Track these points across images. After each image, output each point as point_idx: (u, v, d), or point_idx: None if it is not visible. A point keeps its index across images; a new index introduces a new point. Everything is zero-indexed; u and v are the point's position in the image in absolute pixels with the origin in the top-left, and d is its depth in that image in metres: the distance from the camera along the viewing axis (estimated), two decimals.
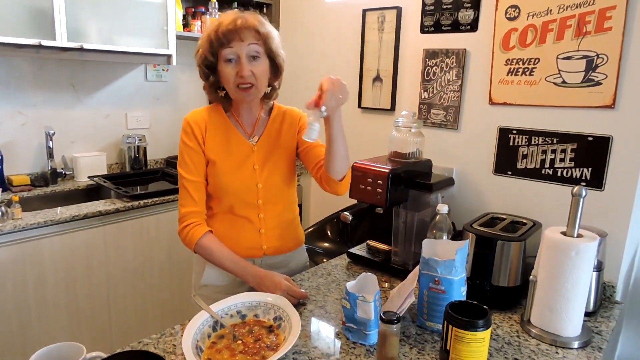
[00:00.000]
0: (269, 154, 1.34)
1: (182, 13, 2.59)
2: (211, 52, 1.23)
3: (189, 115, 1.32)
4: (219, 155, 1.31)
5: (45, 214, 1.92)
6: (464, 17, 1.57)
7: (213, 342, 1.03)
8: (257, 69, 1.23)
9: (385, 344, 0.98)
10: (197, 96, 2.94)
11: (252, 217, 1.34)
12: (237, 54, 1.20)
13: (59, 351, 0.86)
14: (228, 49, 1.20)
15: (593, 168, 1.38)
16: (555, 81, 1.42)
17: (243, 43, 1.20)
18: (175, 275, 2.36)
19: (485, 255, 1.27)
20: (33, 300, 1.88)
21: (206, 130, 1.31)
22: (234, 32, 1.19)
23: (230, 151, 1.32)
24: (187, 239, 1.29)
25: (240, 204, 1.32)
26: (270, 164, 1.34)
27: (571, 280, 1.08)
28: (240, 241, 1.34)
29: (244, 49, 1.20)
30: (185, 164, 1.30)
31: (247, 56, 1.21)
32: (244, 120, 1.35)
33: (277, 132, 1.37)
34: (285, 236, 1.42)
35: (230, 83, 1.23)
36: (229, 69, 1.22)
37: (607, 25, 1.32)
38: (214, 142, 1.31)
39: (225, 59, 1.21)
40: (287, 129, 1.38)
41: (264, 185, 1.32)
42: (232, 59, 1.21)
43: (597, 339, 1.14)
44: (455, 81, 1.62)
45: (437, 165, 1.65)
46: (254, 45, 1.22)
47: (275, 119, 1.38)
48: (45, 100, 2.36)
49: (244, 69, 1.20)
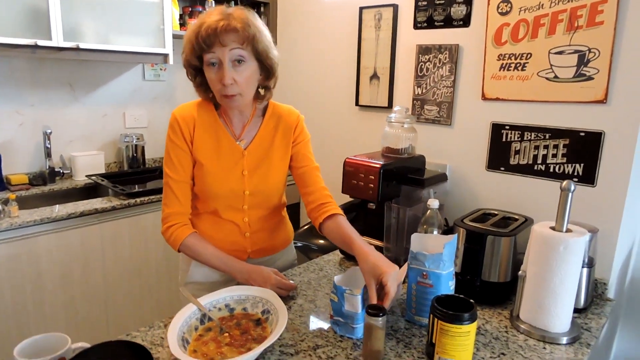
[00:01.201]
0: (259, 160, 1.28)
1: (178, 12, 2.60)
2: (195, 56, 1.16)
3: (177, 111, 1.25)
4: (208, 157, 1.25)
5: (41, 212, 1.93)
6: (457, 12, 1.57)
7: (200, 335, 1.03)
8: (242, 75, 1.14)
9: (370, 336, 0.98)
10: (194, 95, 2.95)
11: (237, 220, 1.30)
12: (219, 58, 1.12)
13: (45, 342, 0.86)
14: (210, 54, 1.12)
15: (585, 164, 1.37)
16: (547, 76, 1.42)
17: (225, 48, 1.11)
18: (172, 273, 2.36)
19: (475, 251, 1.26)
20: (30, 297, 1.89)
21: (195, 129, 1.24)
22: (214, 37, 1.10)
23: (219, 154, 1.25)
24: (172, 240, 1.25)
25: (226, 208, 1.29)
26: (260, 170, 1.28)
27: (559, 275, 1.08)
28: (224, 243, 1.30)
29: (226, 54, 1.12)
30: (172, 162, 1.24)
31: (230, 61, 1.13)
32: (235, 121, 1.28)
33: (269, 138, 1.29)
34: (272, 238, 1.39)
35: (215, 90, 1.17)
36: (212, 74, 1.15)
37: (598, 20, 1.32)
38: (202, 143, 1.24)
39: (208, 62, 1.14)
40: (281, 136, 1.30)
41: (251, 192, 1.28)
42: (214, 63, 1.14)
43: (586, 335, 1.13)
44: (448, 77, 1.62)
45: (430, 162, 1.65)
46: (237, 50, 1.12)
47: (268, 122, 1.30)
48: (42, 100, 2.38)
49: (225, 76, 1.12)
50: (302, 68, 3.00)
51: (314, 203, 1.29)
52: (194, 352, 0.97)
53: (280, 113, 1.32)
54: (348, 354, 1.02)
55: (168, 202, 1.25)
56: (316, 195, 1.30)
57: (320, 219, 1.26)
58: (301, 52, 3.00)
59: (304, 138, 1.34)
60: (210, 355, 0.96)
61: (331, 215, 1.25)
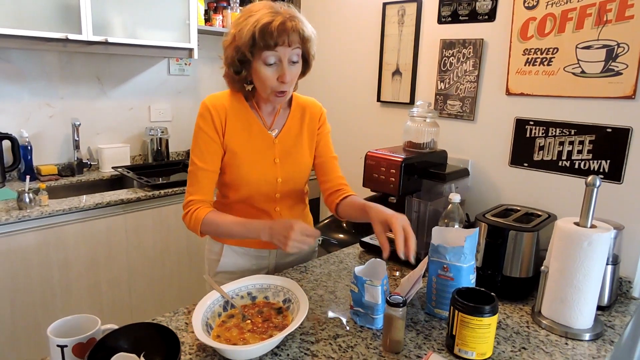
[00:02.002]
0: (289, 148, 1.31)
1: (204, 7, 2.64)
2: (250, 50, 1.14)
3: (208, 100, 1.25)
4: (241, 146, 1.26)
5: (70, 202, 1.99)
6: (482, 6, 1.56)
7: (223, 321, 1.06)
8: (293, 74, 1.18)
9: (391, 327, 0.99)
10: (218, 90, 2.98)
11: (270, 210, 1.32)
12: (280, 57, 1.14)
13: (76, 322, 0.90)
14: (272, 51, 1.13)
15: (612, 160, 1.35)
16: (574, 71, 1.40)
17: (289, 48, 1.14)
18: (193, 262, 2.41)
19: (497, 246, 1.26)
20: (57, 283, 1.96)
21: (227, 119, 1.24)
22: (283, 36, 1.11)
23: (251, 142, 1.27)
24: (192, 222, 1.23)
25: (259, 197, 1.30)
26: (290, 159, 1.31)
27: (583, 271, 1.06)
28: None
29: (287, 54, 1.14)
30: (200, 150, 1.24)
31: (289, 61, 1.16)
32: (265, 111, 1.30)
33: (298, 127, 1.33)
34: None
35: (267, 87, 1.18)
36: (269, 72, 1.15)
37: (628, 14, 1.29)
38: (234, 132, 1.25)
39: (267, 62, 1.14)
40: (308, 124, 1.33)
41: (284, 179, 1.29)
42: (273, 63, 1.15)
43: (610, 332, 1.12)
44: (472, 72, 1.61)
45: (452, 157, 1.64)
46: (297, 49, 1.16)
47: (295, 113, 1.33)
48: (72, 93, 2.45)
49: (286, 74, 1.15)
50: (325, 64, 3.01)
51: (331, 189, 1.36)
52: (218, 337, 1.00)
53: (305, 104, 1.36)
54: (368, 343, 1.03)
55: (192, 189, 1.26)
56: (333, 182, 1.36)
57: (335, 203, 1.33)
58: (324, 47, 3.01)
59: (326, 129, 1.38)
60: (233, 341, 0.98)
61: (345, 197, 1.32)
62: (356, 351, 1.00)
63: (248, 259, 1.38)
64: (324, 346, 1.01)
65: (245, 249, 1.37)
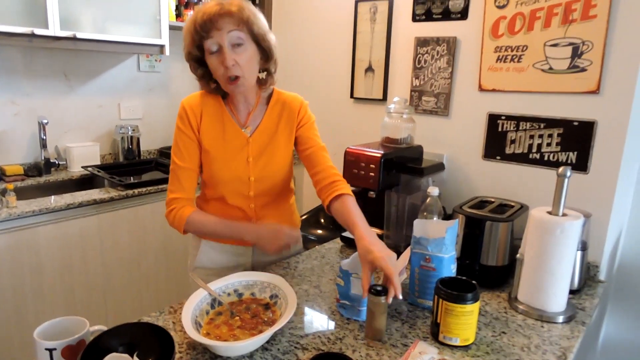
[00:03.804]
0: (264, 146, 1.31)
1: (174, 3, 2.59)
2: (196, 46, 1.19)
3: (185, 100, 1.30)
4: (214, 144, 1.28)
5: (40, 202, 1.93)
6: (455, 5, 1.60)
7: (211, 319, 1.06)
8: (241, 56, 1.18)
9: (373, 316, 1.01)
10: (190, 87, 2.95)
11: (244, 206, 1.33)
12: (219, 43, 1.16)
13: (63, 324, 0.88)
14: (209, 39, 1.16)
15: (578, 152, 1.43)
16: (543, 68, 1.46)
17: (222, 31, 1.15)
18: (170, 263, 2.38)
19: (474, 236, 1.31)
20: (29, 287, 1.90)
21: (201, 118, 1.28)
22: (210, 22, 1.14)
23: (225, 141, 1.29)
24: (176, 221, 1.27)
25: (232, 194, 1.32)
26: (265, 157, 1.31)
27: (556, 257, 1.12)
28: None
29: (224, 37, 1.15)
30: (179, 150, 1.28)
31: (229, 45, 1.16)
32: (240, 109, 1.31)
33: (274, 125, 1.32)
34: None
35: (219, 76, 1.20)
36: (214, 61, 1.18)
37: (592, 13, 1.36)
38: (209, 131, 1.28)
39: (209, 50, 1.17)
40: (285, 122, 1.33)
41: (256, 178, 1.31)
42: (215, 50, 1.17)
43: (581, 314, 1.19)
44: (445, 69, 1.65)
45: (428, 151, 1.69)
46: (234, 32, 1.16)
47: (273, 109, 1.33)
48: (38, 89, 2.36)
49: (226, 58, 1.15)
50: (297, 61, 3.02)
51: (323, 182, 1.29)
52: (207, 334, 1.00)
53: (285, 99, 1.35)
54: (356, 335, 1.05)
55: (173, 188, 1.29)
56: (324, 174, 1.30)
57: (328, 200, 1.26)
58: (296, 45, 3.02)
59: (308, 120, 1.36)
60: (224, 338, 0.99)
61: (339, 195, 1.25)
62: (345, 343, 1.02)
63: (226, 255, 1.39)
64: (313, 339, 1.03)
65: (223, 245, 1.38)
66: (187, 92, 3.03)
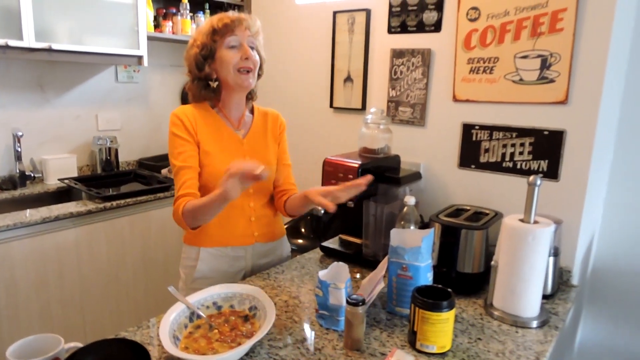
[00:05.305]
0: (258, 147, 1.43)
1: (153, 14, 2.59)
2: (212, 40, 1.31)
3: (176, 111, 1.35)
4: (212, 145, 1.35)
5: (14, 216, 1.89)
6: (429, 18, 1.64)
7: (190, 332, 1.05)
8: (255, 58, 1.34)
9: (352, 326, 1.03)
10: (168, 98, 2.94)
11: (244, 205, 1.40)
12: (240, 41, 1.31)
13: (37, 343, 0.87)
14: (232, 36, 1.30)
15: (549, 160, 1.47)
16: (513, 79, 1.51)
17: (246, 32, 1.32)
18: (149, 276, 2.35)
19: (450, 244, 1.33)
20: (4, 303, 1.85)
21: (197, 123, 1.34)
22: (238, 21, 1.30)
23: (222, 142, 1.37)
24: (177, 218, 1.28)
25: None
26: (259, 156, 1.40)
27: (529, 263, 1.16)
28: (233, 229, 1.40)
29: (246, 37, 1.32)
30: (178, 152, 1.32)
31: (248, 44, 1.33)
32: (232, 114, 1.41)
33: (262, 130, 1.46)
34: (273, 225, 1.50)
35: (231, 67, 1.31)
36: (232, 53, 1.31)
37: (559, 26, 1.41)
38: (205, 134, 1.35)
39: (228, 45, 1.31)
40: (270, 128, 1.48)
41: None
42: (235, 46, 1.31)
43: (554, 319, 1.22)
44: (421, 79, 1.69)
45: (405, 161, 1.72)
46: (251, 37, 1.34)
47: (258, 117, 1.47)
48: (12, 101, 2.32)
49: (248, 51, 1.31)
50: (277, 71, 3.03)
51: (280, 193, 1.48)
52: (186, 348, 1.00)
53: (265, 111, 1.52)
54: (334, 345, 1.06)
55: (177, 188, 1.32)
56: (284, 187, 1.49)
57: (282, 201, 1.46)
58: (277, 54, 3.04)
59: (284, 137, 1.52)
60: (202, 351, 0.99)
61: (290, 195, 1.46)
62: (324, 353, 1.03)
63: (225, 260, 1.42)
64: (292, 350, 1.04)
65: (222, 249, 1.41)
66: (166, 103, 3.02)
